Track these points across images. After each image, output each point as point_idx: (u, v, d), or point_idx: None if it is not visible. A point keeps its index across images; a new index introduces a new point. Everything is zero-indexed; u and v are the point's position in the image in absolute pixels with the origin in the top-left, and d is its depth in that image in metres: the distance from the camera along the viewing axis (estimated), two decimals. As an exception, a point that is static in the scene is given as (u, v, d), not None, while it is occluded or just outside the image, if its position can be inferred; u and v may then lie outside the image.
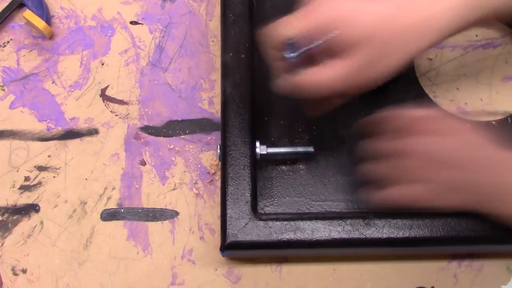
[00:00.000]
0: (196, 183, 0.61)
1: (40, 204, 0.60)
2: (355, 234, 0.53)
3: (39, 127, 0.63)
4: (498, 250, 0.58)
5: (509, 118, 0.63)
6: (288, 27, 0.46)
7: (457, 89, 0.65)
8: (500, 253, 0.59)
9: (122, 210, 0.60)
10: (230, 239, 0.53)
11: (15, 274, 0.58)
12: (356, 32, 0.44)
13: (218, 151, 0.56)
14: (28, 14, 0.65)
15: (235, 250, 0.53)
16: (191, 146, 0.63)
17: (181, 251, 0.58)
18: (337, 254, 0.58)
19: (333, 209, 0.58)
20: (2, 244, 0.59)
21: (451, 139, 0.50)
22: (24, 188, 0.61)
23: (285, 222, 0.53)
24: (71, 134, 0.63)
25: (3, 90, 0.65)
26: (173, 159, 0.62)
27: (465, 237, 0.53)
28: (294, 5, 0.66)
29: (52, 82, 0.65)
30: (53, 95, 0.65)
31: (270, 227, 0.53)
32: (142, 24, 0.68)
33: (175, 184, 0.61)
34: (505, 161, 0.49)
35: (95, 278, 0.57)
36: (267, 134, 0.61)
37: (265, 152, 0.57)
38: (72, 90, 0.65)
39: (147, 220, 0.60)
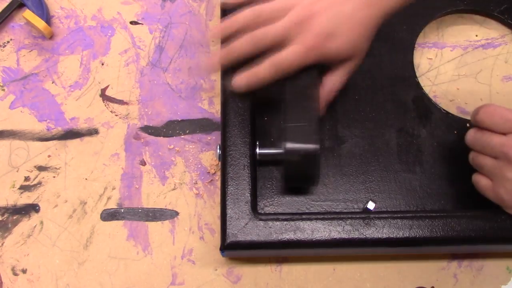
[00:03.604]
0: (196, 183, 0.61)
1: (40, 204, 0.60)
2: (355, 234, 0.53)
3: (39, 127, 0.63)
4: (498, 250, 0.58)
5: (509, 118, 0.63)
6: None
7: (457, 89, 0.65)
8: (500, 253, 0.59)
9: (122, 210, 0.60)
10: (230, 239, 0.53)
11: (15, 274, 0.58)
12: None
13: (218, 151, 0.56)
14: (28, 14, 0.65)
15: (235, 250, 0.53)
16: (191, 146, 0.63)
17: (181, 251, 0.59)
18: (337, 254, 0.58)
19: (333, 209, 0.58)
20: (2, 244, 0.59)
21: None
22: (24, 188, 0.61)
23: (285, 222, 0.53)
24: (71, 134, 0.63)
25: (3, 90, 0.65)
26: (173, 159, 0.62)
27: (465, 237, 0.53)
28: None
29: (52, 82, 0.65)
30: (53, 95, 0.65)
31: (270, 227, 0.53)
32: (142, 24, 0.68)
33: (175, 184, 0.61)
34: None
35: (95, 278, 0.58)
36: (267, 134, 0.61)
37: (265, 152, 0.57)
38: (72, 90, 0.65)
39: (147, 220, 0.60)
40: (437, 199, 0.59)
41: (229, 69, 0.58)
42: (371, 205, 0.57)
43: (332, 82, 0.56)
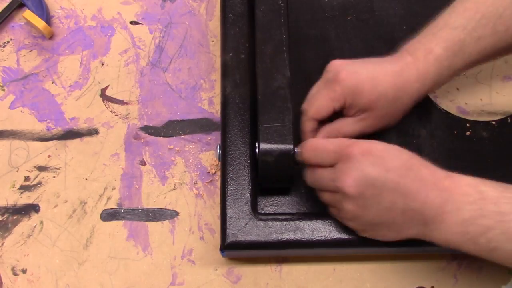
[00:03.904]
0: (196, 183, 0.61)
1: (40, 204, 0.60)
2: (355, 234, 0.53)
3: (39, 127, 0.63)
4: (498, 250, 0.58)
5: (509, 118, 0.63)
6: (317, 109, 0.54)
7: (457, 89, 0.65)
8: (500, 253, 0.59)
9: (122, 210, 0.60)
10: (230, 239, 0.53)
11: (15, 274, 0.58)
12: (372, 98, 0.53)
13: (218, 151, 0.56)
14: (28, 14, 0.65)
15: (235, 250, 0.53)
16: (191, 146, 0.63)
17: (181, 251, 0.58)
18: (337, 254, 0.58)
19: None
20: (2, 244, 0.59)
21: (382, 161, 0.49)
22: (24, 188, 0.61)
23: (285, 222, 0.53)
24: (71, 134, 0.63)
25: (3, 90, 0.65)
26: (173, 159, 0.62)
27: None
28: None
29: (52, 82, 0.65)
30: (53, 95, 0.65)
31: (270, 227, 0.53)
32: (142, 24, 0.68)
33: (175, 184, 0.61)
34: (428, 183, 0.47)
35: (95, 278, 0.58)
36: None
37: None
38: (72, 90, 0.65)
39: (147, 220, 0.60)
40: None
41: (229, 71, 0.58)
42: None
43: (342, 125, 0.55)
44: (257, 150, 0.53)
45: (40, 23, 0.65)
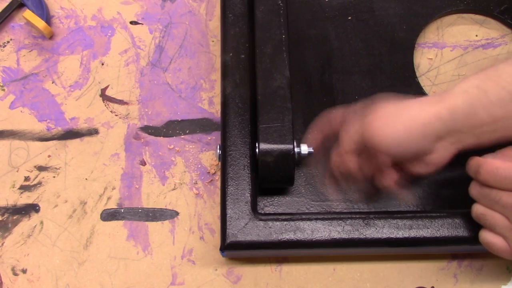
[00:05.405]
0: (196, 183, 0.61)
1: (40, 204, 0.60)
2: (355, 234, 0.53)
3: (39, 127, 0.63)
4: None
5: (509, 118, 0.63)
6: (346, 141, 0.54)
7: (457, 89, 0.65)
8: (500, 253, 0.59)
9: (122, 210, 0.60)
10: (230, 239, 0.53)
11: (15, 274, 0.58)
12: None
13: (218, 151, 0.56)
14: (28, 14, 0.65)
15: (235, 250, 0.53)
16: (191, 146, 0.63)
17: (181, 251, 0.59)
18: (337, 254, 0.58)
19: (333, 209, 0.58)
20: (2, 244, 0.59)
21: None
22: (24, 188, 0.61)
23: (285, 222, 0.53)
24: (71, 134, 0.63)
25: (3, 90, 0.65)
26: (173, 159, 0.62)
27: (465, 237, 0.53)
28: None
29: (52, 82, 0.65)
30: (53, 95, 0.65)
31: (270, 227, 0.53)
32: (142, 24, 0.68)
33: (175, 184, 0.61)
34: None
35: (95, 278, 0.58)
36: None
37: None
38: (72, 90, 0.65)
39: (147, 220, 0.60)
40: (437, 199, 0.59)
41: (229, 71, 0.58)
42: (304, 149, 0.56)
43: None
44: (257, 150, 0.53)
45: (40, 23, 0.65)
